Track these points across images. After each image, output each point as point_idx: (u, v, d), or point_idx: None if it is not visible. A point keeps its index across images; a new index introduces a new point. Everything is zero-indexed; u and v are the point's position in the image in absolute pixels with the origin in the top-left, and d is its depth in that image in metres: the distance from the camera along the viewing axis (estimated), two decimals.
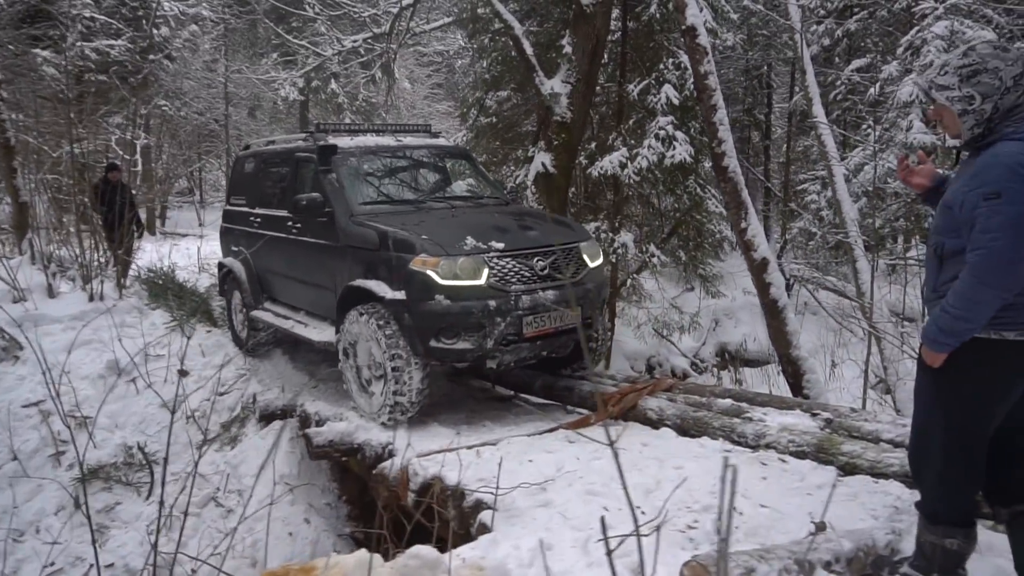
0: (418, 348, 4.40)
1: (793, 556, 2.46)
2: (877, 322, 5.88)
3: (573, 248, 4.89)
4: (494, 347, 4.42)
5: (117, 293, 7.67)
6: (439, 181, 5.92)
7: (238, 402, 6.10)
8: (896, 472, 3.56)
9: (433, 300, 4.31)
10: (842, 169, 6.66)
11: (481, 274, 4.37)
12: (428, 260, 4.32)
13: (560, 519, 2.89)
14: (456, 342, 4.39)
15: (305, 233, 5.42)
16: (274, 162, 6.26)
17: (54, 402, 5.51)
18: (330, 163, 5.25)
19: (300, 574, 2.36)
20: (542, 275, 4.59)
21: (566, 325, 4.66)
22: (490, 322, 4.35)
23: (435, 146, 6.14)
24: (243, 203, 6.66)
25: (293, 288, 5.90)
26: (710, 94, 5.23)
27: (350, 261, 4.86)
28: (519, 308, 4.42)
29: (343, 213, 4.98)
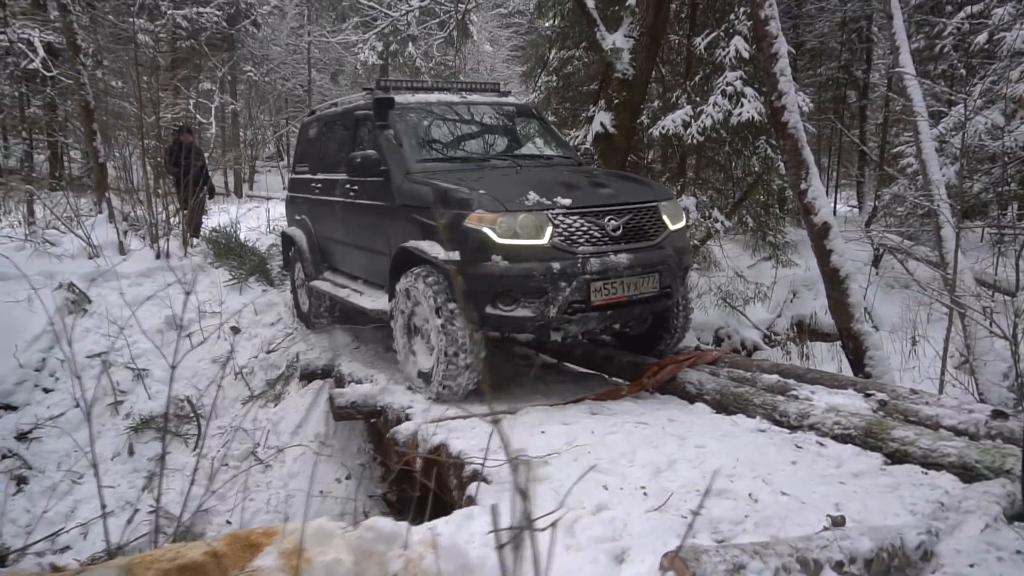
0: (473, 315, 4.00)
1: (796, 553, 2.18)
2: (961, 296, 5.28)
3: (651, 207, 4.32)
4: (558, 316, 3.92)
5: (183, 251, 7.94)
6: (505, 140, 5.47)
7: (284, 360, 6.19)
8: (952, 463, 3.17)
9: (490, 261, 3.87)
10: (929, 125, 5.97)
11: (544, 233, 3.90)
12: (485, 216, 3.88)
13: (553, 496, 2.71)
14: (515, 309, 3.93)
15: (362, 195, 5.14)
16: (335, 124, 5.97)
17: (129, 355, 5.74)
18: (387, 118, 4.93)
19: (263, 537, 2.28)
20: (614, 236, 4.07)
21: (641, 294, 4.13)
22: (553, 287, 3.87)
23: (502, 103, 5.70)
24: (306, 170, 6.42)
25: (351, 255, 5.59)
26: (771, 41, 4.75)
27: (404, 222, 4.49)
28: (587, 272, 3.91)
29: (399, 171, 4.63)
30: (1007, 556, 2.31)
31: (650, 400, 4.34)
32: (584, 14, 7.75)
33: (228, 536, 2.31)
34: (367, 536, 2.11)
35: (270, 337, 6.55)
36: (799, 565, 2.15)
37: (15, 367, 5.84)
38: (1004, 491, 2.83)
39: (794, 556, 2.17)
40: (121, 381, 6.05)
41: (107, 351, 6.13)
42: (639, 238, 4.18)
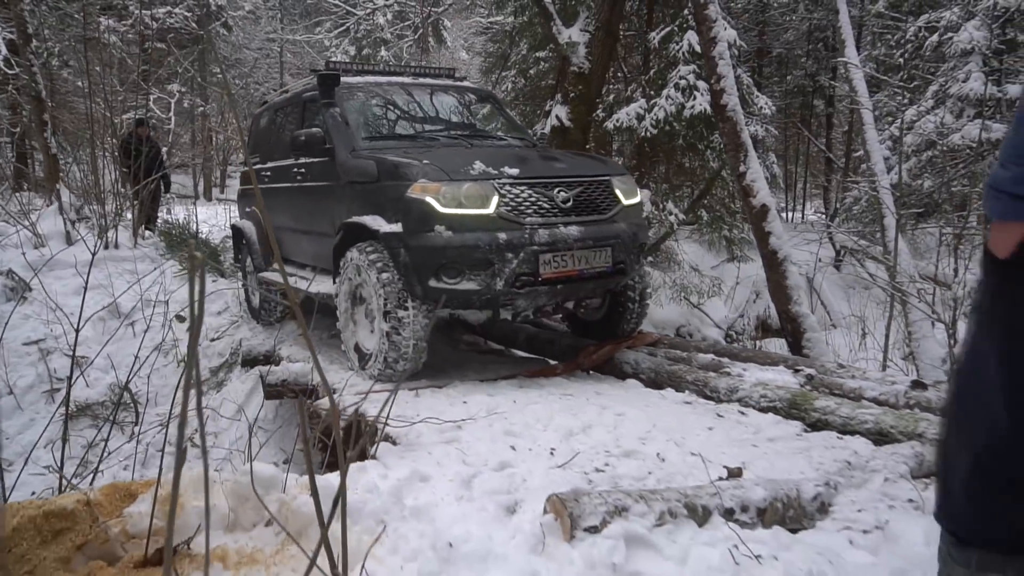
0: (416, 289, 3.81)
1: (685, 499, 2.16)
2: (901, 283, 5.33)
3: (604, 181, 4.18)
4: (505, 288, 3.76)
5: (132, 242, 7.81)
6: (458, 121, 5.30)
7: (228, 348, 6.10)
8: (869, 429, 3.19)
9: (433, 232, 3.71)
10: (872, 115, 6.04)
11: (490, 202, 3.75)
12: (428, 186, 3.73)
13: (457, 455, 2.67)
14: (460, 281, 3.76)
15: (308, 178, 5.03)
16: (284, 110, 5.85)
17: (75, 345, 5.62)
18: (333, 96, 4.76)
19: (142, 486, 2.22)
20: (564, 208, 3.92)
21: (593, 268, 3.97)
22: (499, 258, 3.70)
23: (456, 87, 5.57)
24: (257, 160, 6.25)
25: (299, 242, 5.43)
26: (709, 25, 4.79)
27: (348, 199, 4.34)
28: (535, 243, 3.75)
29: (344, 148, 4.46)
30: (899, 504, 2.30)
31: (583, 378, 4.32)
32: (540, 8, 7.79)
33: (107, 486, 2.25)
34: (243, 481, 2.05)
35: (216, 326, 6.46)
36: (686, 510, 2.13)
37: None
38: (912, 452, 2.84)
39: (681, 502, 2.15)
40: (59, 369, 5.92)
41: (44, 338, 5.99)
42: (590, 211, 4.04)
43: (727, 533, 2.04)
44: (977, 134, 7.27)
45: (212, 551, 1.90)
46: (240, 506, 2.07)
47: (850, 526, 2.16)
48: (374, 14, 13.00)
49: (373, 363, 4.00)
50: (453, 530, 2.02)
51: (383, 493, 2.22)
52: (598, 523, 1.97)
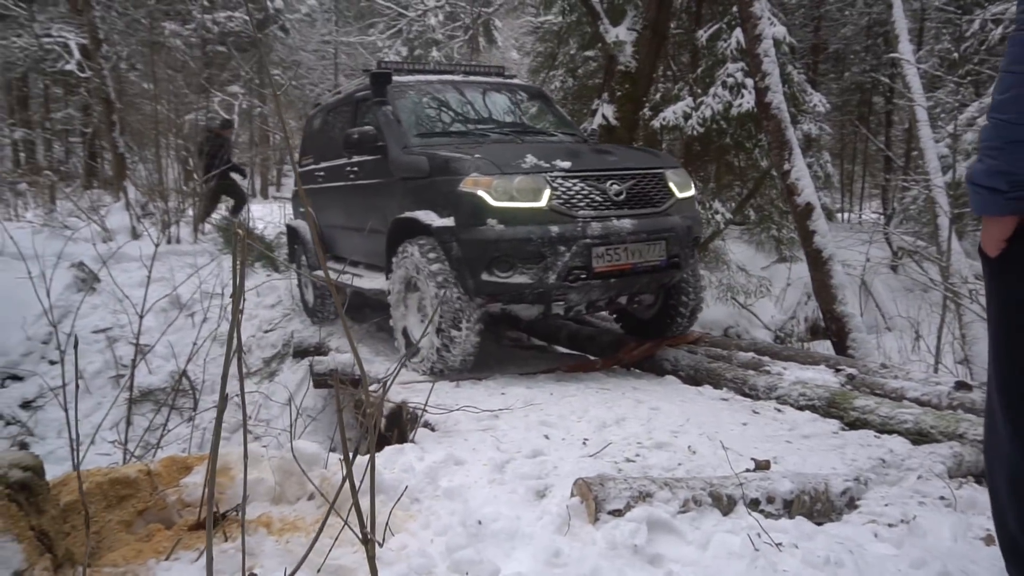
0: (468, 283, 3.83)
1: (710, 488, 2.20)
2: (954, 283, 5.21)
3: (657, 173, 4.12)
4: (557, 282, 3.74)
5: (193, 238, 8.17)
6: (508, 117, 5.30)
7: (280, 340, 6.34)
8: (908, 429, 3.16)
9: (484, 225, 3.72)
10: (927, 112, 5.90)
11: (542, 195, 3.74)
12: (480, 180, 3.74)
13: (492, 441, 2.76)
14: (512, 275, 3.74)
15: (360, 176, 5.07)
16: (337, 111, 5.92)
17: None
18: (385, 94, 4.82)
19: (196, 460, 2.39)
20: (617, 201, 3.88)
21: (647, 262, 3.91)
22: (552, 251, 3.68)
23: (506, 84, 5.59)
24: (311, 162, 6.35)
25: (352, 240, 5.49)
26: (754, 23, 4.77)
27: (400, 195, 4.38)
28: (587, 236, 3.72)
29: (396, 145, 4.50)
30: (929, 501, 2.30)
31: (622, 373, 4.37)
32: (588, 7, 7.83)
33: (166, 459, 2.42)
34: (288, 457, 2.19)
35: (269, 318, 6.72)
36: (711, 499, 2.18)
37: (23, 340, 6.07)
38: (951, 452, 2.81)
39: (707, 490, 2.19)
40: (124, 356, 6.25)
41: (111, 327, 6.34)
42: (643, 204, 3.99)
43: (750, 522, 2.08)
44: None
45: (258, 518, 2.04)
46: (285, 480, 2.21)
47: (876, 520, 2.17)
48: (425, 15, 13.22)
49: (425, 357, 4.00)
50: (483, 510, 2.11)
51: (418, 473, 2.33)
52: (622, 507, 2.04)
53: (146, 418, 5.85)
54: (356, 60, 23.49)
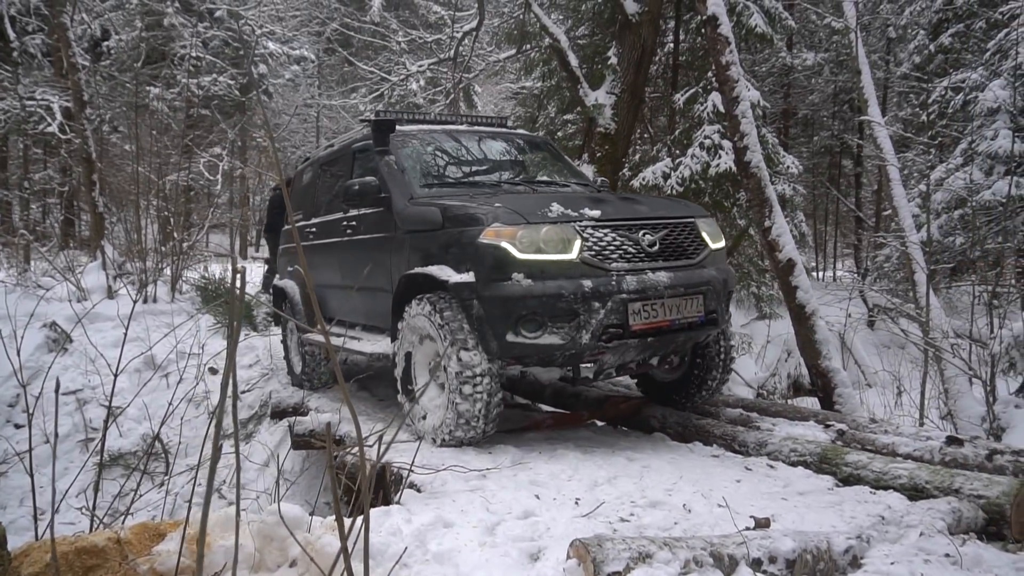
0: (491, 345, 3.43)
1: (711, 548, 2.12)
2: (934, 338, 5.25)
3: (688, 223, 3.83)
4: (592, 342, 3.35)
5: (170, 297, 8.05)
6: (516, 168, 4.98)
7: (258, 400, 6.18)
8: (903, 484, 3.12)
9: (509, 280, 3.35)
10: (899, 172, 6.07)
11: (572, 247, 3.40)
12: (503, 230, 3.38)
13: (481, 502, 2.66)
14: (541, 335, 3.36)
15: (360, 230, 4.68)
16: (331, 163, 5.54)
17: None
18: (387, 143, 4.53)
19: (170, 526, 2.26)
20: (651, 252, 3.56)
21: (685, 318, 3.58)
22: (585, 308, 3.32)
23: (511, 134, 5.34)
24: (300, 218, 6.01)
25: (349, 300, 5.01)
26: (732, 85, 4.92)
27: (408, 250, 4.00)
28: (623, 291, 3.37)
29: (401, 197, 4.16)
30: (934, 559, 2.23)
31: (609, 431, 4.29)
32: (568, 72, 8.05)
33: (137, 525, 2.29)
34: (270, 521, 2.08)
35: (247, 378, 6.56)
36: (712, 559, 2.10)
37: None
38: (949, 507, 2.76)
39: (707, 550, 2.12)
40: (94, 419, 6.04)
41: (81, 388, 6.15)
42: (678, 256, 3.69)
43: None
44: (1007, 191, 7.23)
45: None
46: (266, 546, 2.09)
47: None
48: (407, 80, 13.51)
49: (439, 428, 3.59)
50: (475, 574, 2.01)
51: (406, 537, 2.22)
52: (621, 569, 1.95)
53: (116, 483, 5.61)
54: (338, 123, 23.86)
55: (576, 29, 9.35)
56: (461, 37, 11.36)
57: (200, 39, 18.36)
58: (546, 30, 8.12)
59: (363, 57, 19.23)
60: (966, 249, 8.47)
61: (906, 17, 14.38)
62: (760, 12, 7.45)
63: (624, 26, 7.91)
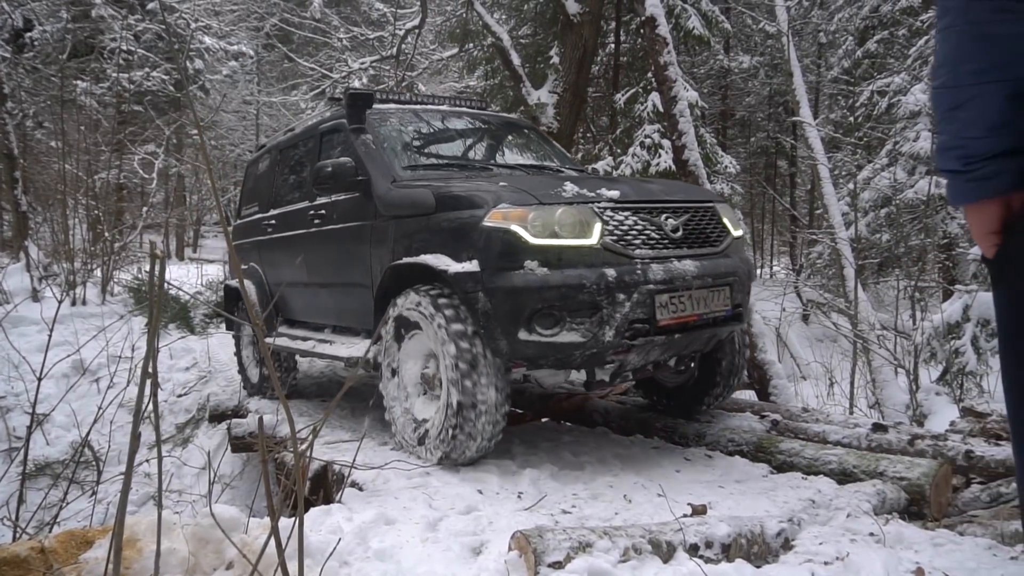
0: (500, 344, 2.99)
1: (649, 535, 2.17)
2: (862, 330, 5.48)
3: (709, 208, 3.50)
4: (616, 340, 2.96)
5: (101, 299, 7.74)
6: (505, 150, 4.59)
7: (195, 404, 6.01)
8: (833, 469, 3.25)
9: (521, 269, 2.93)
10: (828, 170, 6.32)
11: (592, 230, 3.01)
12: (512, 212, 2.99)
13: (424, 499, 2.65)
14: (559, 332, 2.93)
15: (330, 219, 4.18)
16: (293, 149, 5.05)
17: None
18: (363, 120, 4.04)
19: (99, 533, 2.18)
20: (674, 239, 3.21)
21: (712, 312, 3.25)
22: (609, 300, 2.92)
23: (493, 115, 4.99)
24: (255, 210, 5.48)
25: (316, 299, 4.57)
26: (670, 85, 5.03)
27: (394, 238, 3.55)
28: (649, 281, 3.01)
29: (382, 179, 3.71)
30: (859, 538, 2.34)
31: (553, 427, 4.33)
32: (511, 71, 8.09)
33: (63, 533, 2.20)
34: (204, 523, 2.03)
35: (183, 381, 6.37)
36: (650, 546, 2.14)
37: None
38: (875, 490, 2.89)
39: (646, 538, 2.16)
40: (18, 427, 5.77)
41: (4, 396, 5.86)
42: (701, 243, 3.35)
43: (691, 568, 2.05)
44: (928, 190, 7.61)
45: None
46: (200, 550, 2.04)
47: (812, 559, 2.18)
48: (349, 77, 13.33)
49: (435, 443, 3.11)
50: (418, 570, 2.00)
51: (347, 535, 2.20)
52: (562, 559, 1.97)
53: (42, 493, 5.37)
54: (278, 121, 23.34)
55: (519, 28, 9.40)
56: (404, 35, 11.27)
57: (131, 32, 17.69)
58: (488, 29, 8.14)
59: (304, 54, 18.88)
60: (891, 245, 8.87)
61: (835, 23, 14.97)
62: (697, 15, 7.64)
63: (566, 26, 8.00)
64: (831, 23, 15.11)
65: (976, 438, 3.53)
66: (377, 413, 4.66)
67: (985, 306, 5.27)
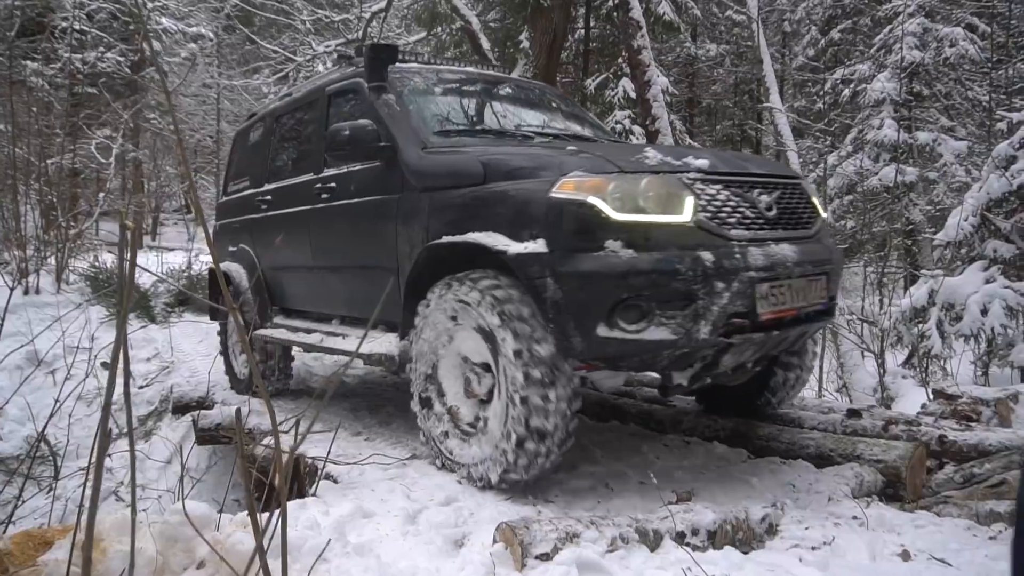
0: (573, 342, 2.47)
1: (636, 524, 2.14)
2: None
3: (797, 185, 3.02)
4: (712, 338, 2.47)
5: (56, 287, 7.47)
6: (543, 118, 4.01)
7: (158, 396, 5.82)
8: (810, 453, 3.26)
9: (602, 250, 2.42)
10: (797, 156, 6.36)
11: (683, 205, 2.51)
12: (586, 181, 2.47)
13: (402, 491, 2.58)
14: (646, 327, 2.43)
15: (343, 193, 3.64)
16: (292, 114, 4.54)
17: None
18: (384, 78, 3.54)
19: (59, 533, 2.06)
20: (769, 218, 2.73)
21: (810, 305, 2.82)
22: (706, 289, 2.44)
23: (522, 81, 4.56)
24: (246, 185, 4.98)
25: (323, 285, 4.05)
26: (643, 69, 4.99)
27: (428, 214, 3.00)
28: (750, 267, 2.52)
29: (411, 145, 3.22)
30: (843, 522, 2.34)
31: None
32: (480, 55, 7.97)
33: (19, 534, 2.09)
34: (173, 521, 1.93)
35: (145, 372, 6.17)
36: (637, 535, 2.11)
37: None
38: (852, 473, 2.91)
39: (633, 527, 2.13)
40: None
41: None
42: (795, 225, 2.88)
43: (680, 556, 2.02)
44: (893, 177, 7.73)
45: None
46: (169, 549, 1.94)
47: (799, 544, 2.17)
48: (314, 61, 13.04)
49: (493, 460, 2.59)
50: (399, 564, 1.94)
51: (325, 529, 2.12)
52: (549, 550, 1.92)
53: None
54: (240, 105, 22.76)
55: (487, 12, 9.27)
56: (370, 18, 11.04)
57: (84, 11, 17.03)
58: (457, 12, 8.00)
59: (266, 36, 18.41)
60: (856, 232, 9.01)
61: (800, 12, 15.10)
62: (668, 1, 7.60)
63: (536, 10, 7.90)
64: (796, 12, 15.26)
65: (947, 420, 3.58)
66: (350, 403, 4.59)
67: (950, 291, 5.37)
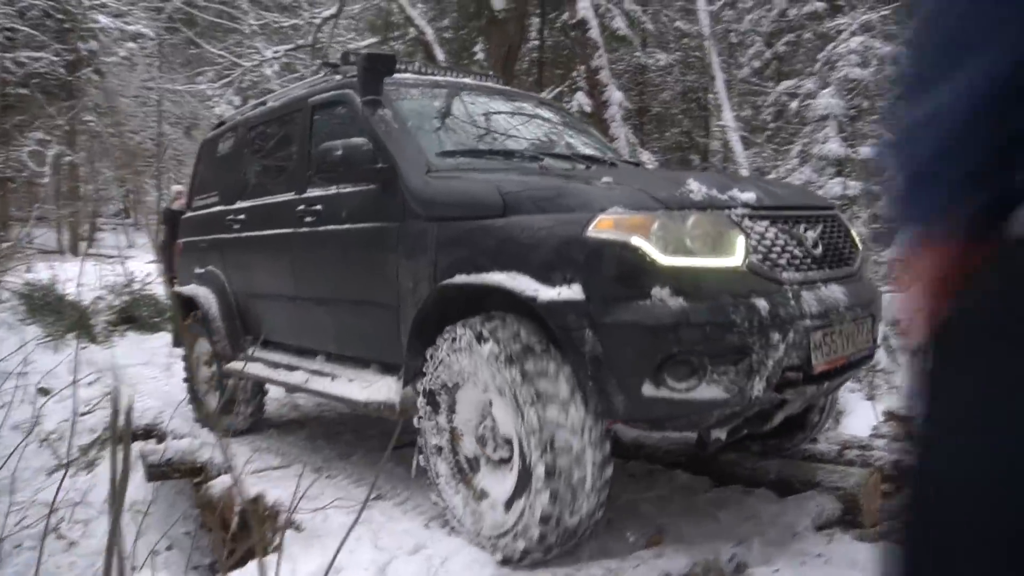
0: (615, 401, 2.19)
1: (610, 574, 2.12)
2: None
3: (834, 216, 2.78)
4: (766, 395, 2.24)
5: None
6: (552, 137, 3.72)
7: (101, 422, 5.58)
8: (772, 480, 3.31)
9: (648, 299, 2.14)
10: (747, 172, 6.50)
11: (734, 245, 2.25)
12: (628, 219, 2.19)
13: (369, 538, 2.52)
14: (696, 385, 2.15)
15: (331, 218, 3.32)
16: (269, 126, 4.19)
17: None
18: (380, 91, 3.20)
19: None
20: (816, 256, 2.49)
21: (859, 352, 2.59)
22: (762, 341, 2.18)
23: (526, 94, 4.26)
24: (215, 201, 4.63)
25: (307, 317, 3.68)
26: (602, 89, 5.03)
27: (436, 244, 2.70)
28: (805, 315, 2.29)
29: (413, 168, 2.92)
30: (809, 560, 2.38)
31: None
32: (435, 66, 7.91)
33: None
34: None
35: (86, 398, 5.89)
36: None
37: None
38: (814, 504, 2.96)
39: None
40: None
41: None
42: (839, 262, 2.64)
43: None
44: (839, 191, 7.97)
45: None
46: None
47: None
48: (261, 66, 12.74)
49: (510, 533, 2.31)
50: None
51: None
52: None
53: None
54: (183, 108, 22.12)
55: (441, 21, 9.22)
56: (320, 23, 10.86)
57: (15, 8, 16.27)
58: (411, 21, 7.93)
59: (210, 38, 17.88)
60: None
61: (745, 24, 15.48)
62: (622, 15, 7.68)
63: (491, 21, 7.88)
64: (741, 24, 15.62)
65: (900, 442, 3.69)
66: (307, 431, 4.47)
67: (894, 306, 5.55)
